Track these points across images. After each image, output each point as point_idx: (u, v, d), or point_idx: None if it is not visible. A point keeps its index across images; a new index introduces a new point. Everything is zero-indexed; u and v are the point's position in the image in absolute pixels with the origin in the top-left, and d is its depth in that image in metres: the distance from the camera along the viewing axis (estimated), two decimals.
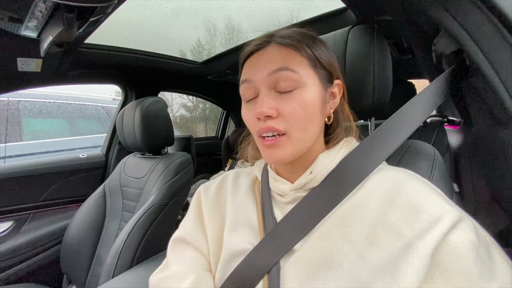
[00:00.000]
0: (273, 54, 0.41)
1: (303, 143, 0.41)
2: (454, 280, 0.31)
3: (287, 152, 0.40)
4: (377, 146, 0.42)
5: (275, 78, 0.40)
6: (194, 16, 1.48)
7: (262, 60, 0.41)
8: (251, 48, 0.43)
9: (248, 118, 0.43)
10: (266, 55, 0.41)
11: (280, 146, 0.40)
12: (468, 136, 0.95)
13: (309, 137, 0.41)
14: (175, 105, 6.48)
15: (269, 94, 0.40)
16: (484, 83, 0.43)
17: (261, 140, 0.41)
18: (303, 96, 0.39)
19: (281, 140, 0.40)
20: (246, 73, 0.43)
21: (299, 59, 0.41)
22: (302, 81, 0.40)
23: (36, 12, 0.62)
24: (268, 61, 0.40)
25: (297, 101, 0.39)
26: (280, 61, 0.40)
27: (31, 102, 2.56)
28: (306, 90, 0.40)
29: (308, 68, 0.41)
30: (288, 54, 0.41)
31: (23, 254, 1.25)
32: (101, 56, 1.34)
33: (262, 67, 0.41)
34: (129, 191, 1.21)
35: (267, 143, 0.40)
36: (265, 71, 0.40)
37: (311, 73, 0.41)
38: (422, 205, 0.34)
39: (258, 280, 0.40)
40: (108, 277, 0.91)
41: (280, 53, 0.41)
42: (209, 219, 0.50)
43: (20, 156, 2.32)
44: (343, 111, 0.47)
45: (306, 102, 0.39)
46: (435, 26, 0.51)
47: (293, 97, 0.39)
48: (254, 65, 0.42)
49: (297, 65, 0.40)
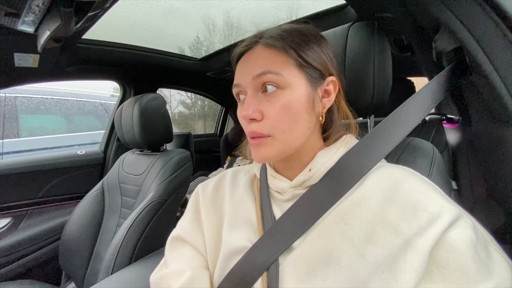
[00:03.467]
0: (257, 56, 0.41)
1: (289, 144, 0.41)
2: (452, 277, 0.31)
3: (271, 152, 0.41)
4: (376, 144, 0.42)
5: (259, 81, 0.40)
6: (193, 12, 1.47)
7: (248, 63, 0.42)
8: (239, 50, 0.44)
9: (240, 119, 0.44)
10: (251, 58, 0.42)
11: (264, 145, 0.41)
12: (467, 133, 0.95)
13: (296, 138, 0.41)
14: (174, 102, 6.45)
15: (255, 97, 0.41)
16: (483, 81, 0.43)
17: (250, 139, 0.42)
18: (287, 97, 0.39)
19: (265, 140, 0.40)
20: (236, 76, 0.44)
21: (283, 59, 0.40)
22: (286, 83, 0.39)
23: (33, 7, 0.61)
24: (252, 64, 0.41)
25: (280, 103, 0.39)
26: (263, 64, 0.40)
27: (29, 98, 2.54)
28: (290, 91, 0.40)
29: (293, 68, 0.40)
30: (272, 56, 0.40)
31: (21, 251, 1.25)
32: (99, 52, 1.33)
33: (247, 71, 0.41)
34: (128, 188, 1.21)
35: (253, 142, 0.41)
36: (250, 75, 0.41)
37: (297, 73, 0.40)
38: (421, 202, 0.34)
39: (257, 277, 0.40)
40: (107, 273, 0.91)
41: (264, 56, 0.41)
42: (207, 218, 0.50)
43: (17, 152, 2.31)
44: (339, 109, 0.46)
45: (290, 104, 0.39)
46: (435, 23, 0.51)
47: (277, 99, 0.39)
48: (241, 69, 0.43)
49: (280, 67, 0.40)
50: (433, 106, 0.46)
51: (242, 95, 0.44)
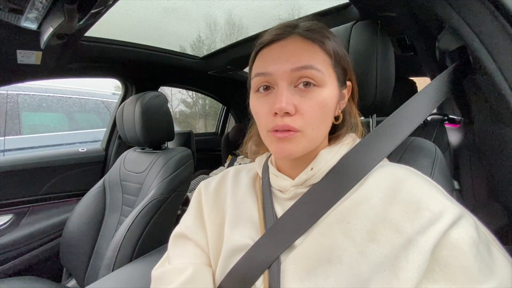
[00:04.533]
0: (296, 47, 0.39)
1: (314, 141, 0.41)
2: (454, 276, 0.31)
3: (299, 148, 0.39)
4: (379, 143, 0.42)
5: (298, 74, 0.38)
6: (195, 11, 1.47)
7: (285, 52, 0.39)
8: (270, 37, 0.40)
9: (260, 111, 0.40)
10: (289, 48, 0.39)
11: (290, 141, 0.38)
12: (468, 134, 0.95)
13: (321, 135, 0.41)
14: (175, 100, 6.45)
15: (289, 89, 0.38)
16: (487, 81, 0.43)
17: (272, 133, 0.39)
18: (322, 95, 0.39)
19: (294, 135, 0.38)
20: (263, 65, 0.40)
21: (323, 56, 0.39)
22: (324, 80, 0.39)
23: (37, 3, 0.61)
24: (292, 54, 0.38)
25: (316, 100, 0.38)
26: (306, 57, 0.38)
27: (31, 95, 2.55)
28: (325, 89, 0.39)
29: (330, 67, 0.40)
30: (313, 49, 0.39)
31: (22, 248, 1.26)
32: (101, 50, 1.33)
33: (284, 61, 0.38)
34: (129, 186, 1.21)
35: (279, 135, 0.38)
36: (288, 66, 0.38)
37: (331, 73, 0.40)
38: (423, 201, 0.34)
39: (259, 275, 0.40)
40: (108, 270, 0.91)
41: (304, 48, 0.39)
42: (209, 215, 0.50)
43: (19, 149, 2.32)
44: (351, 112, 0.47)
45: (324, 102, 0.39)
46: (439, 22, 0.51)
47: (312, 95, 0.38)
48: (274, 57, 0.39)
49: (321, 63, 0.39)
50: (436, 105, 0.46)
51: (269, 86, 0.40)
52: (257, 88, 0.41)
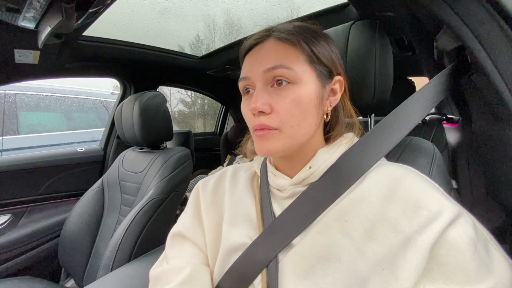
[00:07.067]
0: (269, 49, 0.41)
1: (295, 140, 0.41)
2: (452, 274, 0.31)
3: (278, 145, 0.40)
4: (377, 142, 0.42)
5: (270, 75, 0.40)
6: (193, 11, 1.46)
7: (259, 56, 0.41)
8: (250, 42, 0.44)
9: (245, 113, 0.43)
10: (263, 51, 0.41)
11: (270, 138, 0.40)
12: (467, 133, 0.95)
13: (302, 133, 0.41)
14: (174, 100, 6.45)
15: (265, 90, 0.40)
16: (485, 80, 0.43)
17: (254, 132, 0.42)
18: (297, 92, 0.39)
19: (271, 132, 0.40)
20: (244, 69, 0.43)
21: (295, 54, 0.40)
22: (297, 78, 0.39)
23: (34, 3, 0.61)
24: (264, 57, 0.41)
25: (291, 97, 0.39)
26: (276, 58, 0.40)
27: (28, 95, 2.53)
28: (301, 86, 0.40)
29: (305, 64, 0.40)
30: (285, 49, 0.40)
31: (20, 248, 1.25)
32: (99, 49, 1.32)
33: (258, 63, 0.41)
34: (128, 185, 1.21)
35: (258, 133, 0.40)
36: (261, 68, 0.40)
37: (308, 69, 0.40)
38: (421, 200, 0.35)
39: (257, 274, 0.40)
40: (107, 270, 0.91)
41: (276, 49, 0.40)
42: (207, 214, 0.50)
43: (17, 149, 2.31)
44: (344, 108, 0.47)
45: (300, 99, 0.39)
46: (437, 22, 0.51)
47: (287, 93, 0.39)
48: (251, 61, 0.42)
49: (293, 61, 0.40)
50: (434, 105, 0.46)
51: (250, 88, 0.43)
52: (243, 92, 0.44)
